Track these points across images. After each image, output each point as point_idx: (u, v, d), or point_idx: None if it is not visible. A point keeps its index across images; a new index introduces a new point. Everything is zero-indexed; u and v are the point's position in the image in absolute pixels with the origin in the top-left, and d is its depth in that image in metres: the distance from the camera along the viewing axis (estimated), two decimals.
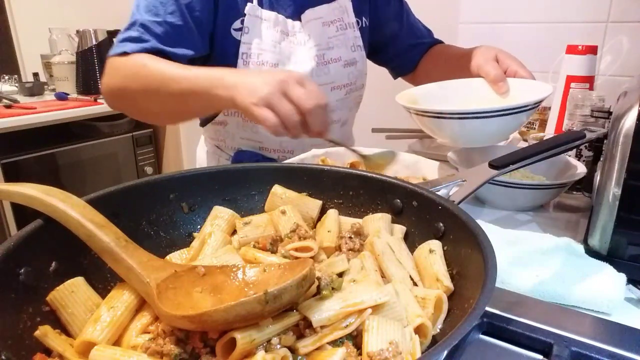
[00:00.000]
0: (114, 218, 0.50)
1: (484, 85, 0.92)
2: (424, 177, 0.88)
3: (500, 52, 0.96)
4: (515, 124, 0.83)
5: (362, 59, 1.12)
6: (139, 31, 0.87)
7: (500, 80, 0.90)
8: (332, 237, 0.56)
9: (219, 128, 1.11)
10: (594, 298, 0.54)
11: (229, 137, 1.11)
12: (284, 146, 1.09)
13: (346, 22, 1.07)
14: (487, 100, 0.91)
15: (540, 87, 0.85)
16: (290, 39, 1.01)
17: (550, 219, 0.84)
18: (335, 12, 1.06)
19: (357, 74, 1.11)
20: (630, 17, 1.34)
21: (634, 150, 0.58)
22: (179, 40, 0.89)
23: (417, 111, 0.82)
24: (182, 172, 0.62)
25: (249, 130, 1.07)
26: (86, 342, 0.41)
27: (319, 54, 1.03)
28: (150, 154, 2.67)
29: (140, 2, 0.90)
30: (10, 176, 2.03)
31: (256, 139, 1.08)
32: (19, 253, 0.43)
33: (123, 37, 0.88)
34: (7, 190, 0.49)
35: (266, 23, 0.98)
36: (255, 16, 0.97)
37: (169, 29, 0.88)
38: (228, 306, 0.38)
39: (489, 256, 0.41)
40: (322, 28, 1.04)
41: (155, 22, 0.88)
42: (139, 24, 0.88)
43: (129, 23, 0.89)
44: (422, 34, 1.24)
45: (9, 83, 2.50)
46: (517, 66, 0.92)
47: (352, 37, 1.09)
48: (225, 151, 1.15)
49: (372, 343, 0.39)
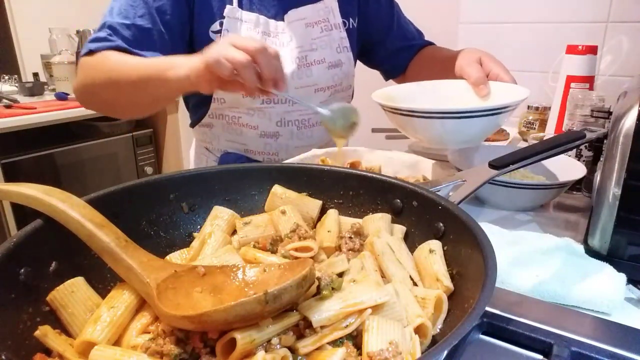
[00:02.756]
0: (114, 218, 0.50)
1: (465, 87, 0.90)
2: (424, 177, 0.88)
3: (484, 55, 0.94)
4: (489, 126, 0.80)
5: (348, 60, 1.10)
6: (106, 32, 0.88)
7: (481, 83, 0.88)
8: (332, 237, 0.56)
9: (206, 130, 1.12)
10: (594, 298, 0.54)
11: (215, 139, 1.12)
12: (268, 149, 1.09)
13: (332, 22, 1.06)
14: (467, 102, 0.89)
15: (518, 91, 0.83)
16: (272, 40, 1.01)
17: (550, 219, 0.84)
18: (321, 12, 1.05)
19: (343, 75, 1.10)
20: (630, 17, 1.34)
21: (634, 150, 0.58)
22: (146, 43, 0.90)
23: (390, 108, 0.79)
24: (182, 172, 0.62)
25: (233, 132, 1.08)
26: (86, 342, 0.41)
27: (300, 56, 1.02)
28: (150, 154, 2.67)
29: (114, 6, 0.91)
30: (10, 176, 2.03)
31: (240, 142, 1.09)
32: (19, 253, 0.43)
33: (91, 39, 0.89)
34: (7, 190, 0.49)
35: (246, 25, 0.98)
36: (234, 18, 0.97)
37: (136, 32, 0.89)
38: (228, 306, 0.38)
39: (489, 256, 0.41)
40: (305, 29, 1.03)
41: (124, 25, 0.89)
42: (107, 26, 0.89)
43: (99, 26, 0.91)
44: (413, 35, 1.23)
45: (9, 83, 2.50)
46: (499, 70, 0.90)
47: (338, 39, 1.08)
48: (213, 152, 1.16)
49: (372, 343, 0.39)
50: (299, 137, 1.09)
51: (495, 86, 0.88)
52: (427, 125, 0.78)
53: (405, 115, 0.77)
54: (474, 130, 0.79)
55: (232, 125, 1.06)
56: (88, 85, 0.90)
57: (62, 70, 2.48)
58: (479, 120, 0.75)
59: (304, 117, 1.07)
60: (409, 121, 0.78)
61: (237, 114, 1.05)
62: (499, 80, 0.89)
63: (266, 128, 1.06)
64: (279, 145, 1.08)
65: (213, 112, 1.07)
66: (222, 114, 1.06)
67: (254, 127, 1.05)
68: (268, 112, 1.04)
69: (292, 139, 1.08)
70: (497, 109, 0.75)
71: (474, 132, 0.79)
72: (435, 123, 0.76)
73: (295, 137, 1.08)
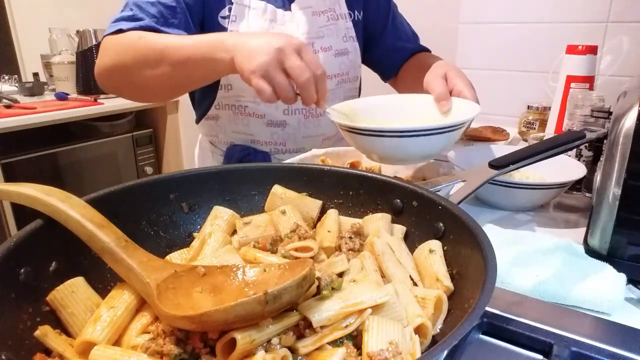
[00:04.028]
0: (114, 218, 0.50)
1: (430, 102, 0.89)
2: (424, 177, 0.88)
3: (451, 70, 0.92)
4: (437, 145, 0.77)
5: (355, 50, 1.11)
6: (132, 10, 0.88)
7: (443, 99, 0.86)
8: (332, 237, 0.56)
9: (212, 123, 1.12)
10: (594, 298, 0.54)
11: (222, 131, 1.12)
12: (275, 139, 1.09)
13: (338, 12, 1.07)
14: (430, 118, 0.87)
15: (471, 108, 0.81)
16: (279, 28, 1.01)
17: (550, 219, 0.84)
18: (327, 2, 1.06)
19: (350, 64, 1.10)
20: (630, 17, 1.34)
21: (634, 150, 0.58)
22: (172, 21, 0.89)
23: (341, 125, 0.79)
24: (182, 172, 0.62)
25: (240, 123, 1.07)
26: (86, 342, 0.41)
27: (308, 42, 1.02)
28: (150, 154, 2.67)
29: None
30: (10, 176, 2.03)
31: (247, 132, 1.09)
32: (19, 253, 0.43)
33: (117, 18, 0.88)
34: (7, 190, 0.49)
35: (254, 12, 0.99)
36: (242, 4, 0.98)
37: (162, 9, 0.89)
38: (228, 306, 0.37)
39: (489, 256, 0.41)
40: (312, 17, 1.04)
41: (149, 2, 0.89)
42: (133, 4, 0.88)
43: (123, 5, 0.90)
44: (407, 37, 1.22)
45: (9, 83, 2.50)
46: (463, 86, 0.88)
47: (344, 28, 1.09)
48: (219, 147, 1.15)
49: (372, 343, 0.39)
50: (306, 125, 1.09)
51: (457, 102, 0.86)
52: (369, 143, 0.77)
53: (351, 132, 0.77)
54: (415, 149, 0.77)
55: (239, 115, 1.06)
56: (119, 66, 0.87)
57: (62, 70, 2.48)
58: (422, 139, 0.74)
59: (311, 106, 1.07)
60: (354, 137, 0.78)
61: (243, 103, 1.04)
62: (462, 97, 0.87)
63: (273, 117, 1.05)
64: (286, 134, 1.08)
65: (219, 103, 1.06)
66: (228, 104, 1.06)
67: (260, 115, 1.05)
68: None
69: (299, 128, 1.08)
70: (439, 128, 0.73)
71: (415, 150, 0.78)
72: (375, 141, 0.76)
73: (302, 125, 1.08)
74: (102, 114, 2.30)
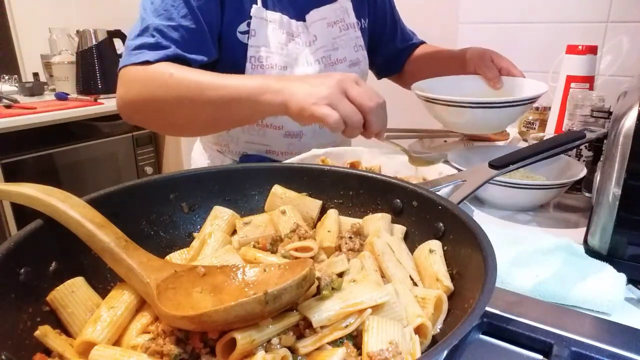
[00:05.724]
0: (114, 218, 0.49)
1: (475, 81, 1.08)
2: (424, 177, 0.88)
3: (492, 52, 1.09)
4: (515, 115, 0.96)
5: (364, 59, 1.12)
6: (155, 37, 0.83)
7: (496, 77, 1.04)
8: (332, 237, 0.56)
9: (222, 133, 1.09)
10: (594, 298, 0.54)
11: (233, 141, 1.09)
12: (292, 149, 1.07)
13: (347, 22, 1.08)
14: (482, 95, 1.04)
15: (533, 84, 1.00)
16: (296, 40, 1.01)
17: (550, 219, 0.84)
18: (337, 12, 1.06)
19: (361, 73, 1.11)
20: (630, 17, 1.34)
21: (634, 150, 0.58)
22: (195, 46, 0.86)
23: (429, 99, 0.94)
24: (182, 172, 0.62)
25: (255, 134, 1.06)
26: (86, 342, 0.41)
27: (325, 55, 1.03)
28: (150, 154, 2.67)
29: (147, 5, 0.86)
30: (10, 176, 2.03)
31: (263, 143, 1.07)
32: (19, 253, 0.43)
33: (138, 44, 0.83)
34: (7, 190, 0.49)
35: (272, 25, 0.97)
36: (261, 18, 0.95)
37: (184, 34, 0.84)
38: (228, 307, 0.37)
39: (489, 256, 0.41)
40: (327, 29, 1.04)
41: (170, 27, 0.83)
42: (153, 29, 0.83)
43: (140, 28, 0.85)
44: (410, 37, 1.27)
45: (9, 83, 2.51)
46: (509, 65, 1.05)
47: (354, 37, 1.09)
48: (228, 156, 1.13)
49: (372, 343, 0.39)
50: (321, 135, 1.09)
51: (507, 80, 1.05)
52: (459, 114, 0.93)
53: (443, 105, 0.93)
54: (509, 118, 0.96)
55: (255, 127, 1.04)
56: (148, 102, 0.82)
57: (62, 70, 2.48)
58: (510, 110, 0.92)
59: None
60: (445, 110, 0.94)
61: None
62: (510, 75, 1.05)
63: (291, 128, 1.04)
64: (302, 144, 1.07)
65: None
66: None
67: (278, 127, 1.04)
68: None
69: (314, 137, 1.08)
70: (524, 100, 0.92)
71: (500, 120, 0.97)
72: (466, 112, 0.92)
73: (317, 135, 1.08)
74: (102, 114, 2.30)
